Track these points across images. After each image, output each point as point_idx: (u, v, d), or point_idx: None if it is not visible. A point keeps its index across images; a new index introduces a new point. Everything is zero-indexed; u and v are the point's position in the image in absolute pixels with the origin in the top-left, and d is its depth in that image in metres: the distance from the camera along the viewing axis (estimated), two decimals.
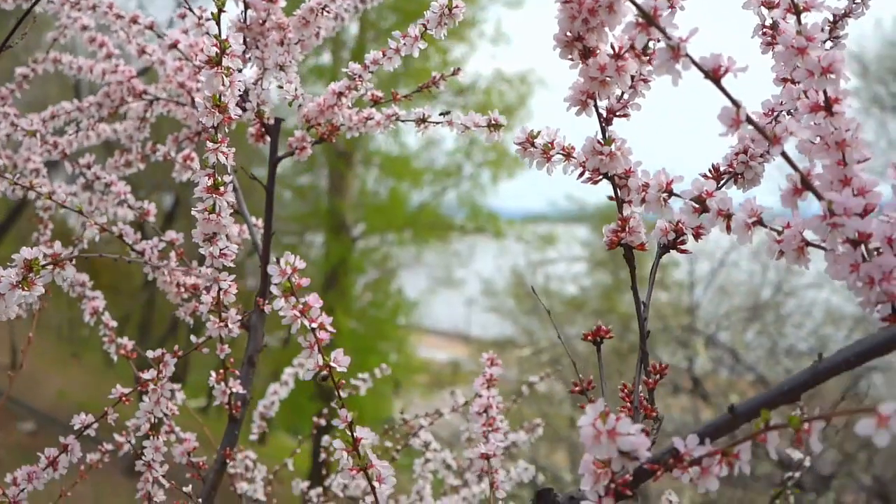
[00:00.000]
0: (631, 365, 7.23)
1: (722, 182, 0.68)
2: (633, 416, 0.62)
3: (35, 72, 1.31)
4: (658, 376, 0.63)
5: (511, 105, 10.72)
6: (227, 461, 0.97)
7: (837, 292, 7.34)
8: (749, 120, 0.50)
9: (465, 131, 0.86)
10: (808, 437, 0.45)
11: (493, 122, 0.83)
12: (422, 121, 0.94)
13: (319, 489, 1.33)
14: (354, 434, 0.64)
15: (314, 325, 0.61)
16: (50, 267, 0.65)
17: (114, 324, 1.09)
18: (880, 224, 0.53)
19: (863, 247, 0.52)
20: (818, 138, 0.54)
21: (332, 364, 0.62)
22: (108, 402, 1.11)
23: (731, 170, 0.68)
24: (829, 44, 0.71)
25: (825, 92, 0.53)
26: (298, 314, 0.61)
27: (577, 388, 0.59)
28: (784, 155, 0.51)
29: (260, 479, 1.24)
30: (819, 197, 0.51)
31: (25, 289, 0.67)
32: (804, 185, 0.51)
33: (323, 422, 1.45)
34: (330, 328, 0.62)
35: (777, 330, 6.60)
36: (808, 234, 0.55)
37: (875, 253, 0.51)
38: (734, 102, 0.50)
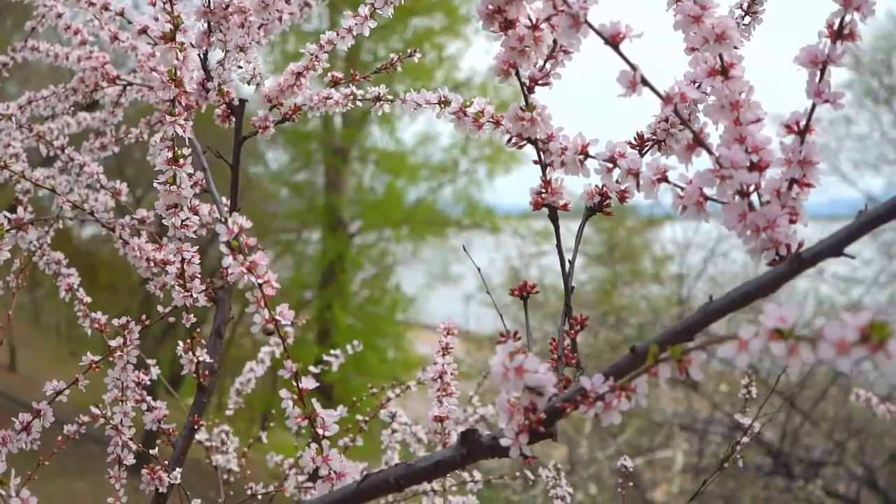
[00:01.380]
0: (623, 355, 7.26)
1: (646, 149, 0.73)
2: (558, 364, 0.66)
3: (14, 60, 1.36)
4: (579, 327, 0.68)
5: (506, 100, 10.74)
6: (196, 427, 1.02)
7: (827, 283, 7.40)
8: (644, 81, 0.54)
9: (417, 108, 0.91)
10: (689, 366, 0.50)
11: (442, 98, 0.87)
12: (377, 99, 0.98)
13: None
14: (300, 385, 0.68)
15: (261, 280, 0.66)
16: (14, 231, 0.69)
17: (88, 299, 1.13)
18: (771, 179, 0.57)
19: (755, 198, 0.57)
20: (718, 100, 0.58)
21: (278, 318, 0.67)
22: (106, 400, 1.16)
23: (654, 137, 0.72)
24: (747, 18, 0.75)
25: (721, 57, 0.57)
26: (245, 271, 0.65)
27: (502, 339, 0.64)
28: (677, 113, 0.55)
29: (233, 451, 1.29)
30: (710, 152, 0.55)
31: None
32: (696, 141, 0.55)
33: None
34: (275, 284, 0.66)
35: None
36: (708, 191, 0.59)
37: (764, 204, 0.55)
38: (631, 66, 0.55)
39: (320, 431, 0.68)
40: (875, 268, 7.93)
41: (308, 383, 0.68)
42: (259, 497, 1.22)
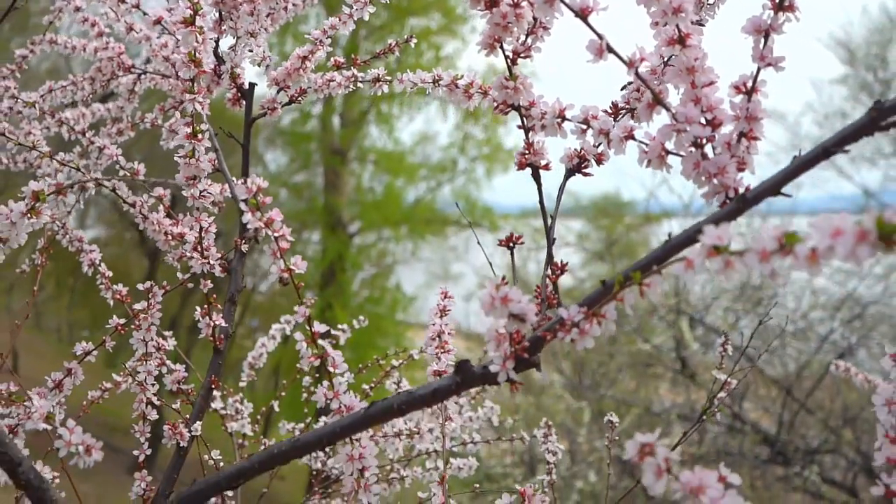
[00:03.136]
0: (622, 350, 7.37)
1: (620, 115, 0.81)
2: (541, 305, 0.74)
3: (33, 52, 1.44)
4: (560, 272, 0.76)
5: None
6: (213, 387, 1.10)
7: (823, 275, 7.47)
8: (609, 48, 0.62)
9: (415, 88, 0.99)
10: (650, 290, 0.58)
11: (437, 78, 0.95)
12: (377, 80, 1.06)
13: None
14: (313, 328, 0.77)
15: (276, 234, 0.74)
16: (54, 195, 0.78)
17: (109, 273, 1.22)
18: (723, 133, 0.65)
19: (709, 149, 0.65)
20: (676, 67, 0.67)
21: (292, 267, 0.75)
22: (109, 401, 1.24)
23: (627, 105, 0.80)
24: None
25: (678, 28, 0.66)
26: (263, 225, 0.74)
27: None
28: (639, 77, 0.63)
29: (247, 415, 1.38)
30: (668, 110, 0.63)
31: (33, 216, 0.79)
32: (656, 100, 0.64)
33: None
34: (290, 238, 0.74)
35: (759, 310, 6.74)
36: (668, 146, 0.68)
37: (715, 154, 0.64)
38: (598, 35, 0.63)
39: (331, 370, 0.76)
40: (871, 260, 8.00)
41: (320, 327, 0.77)
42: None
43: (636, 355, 6.68)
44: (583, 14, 0.63)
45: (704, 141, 0.63)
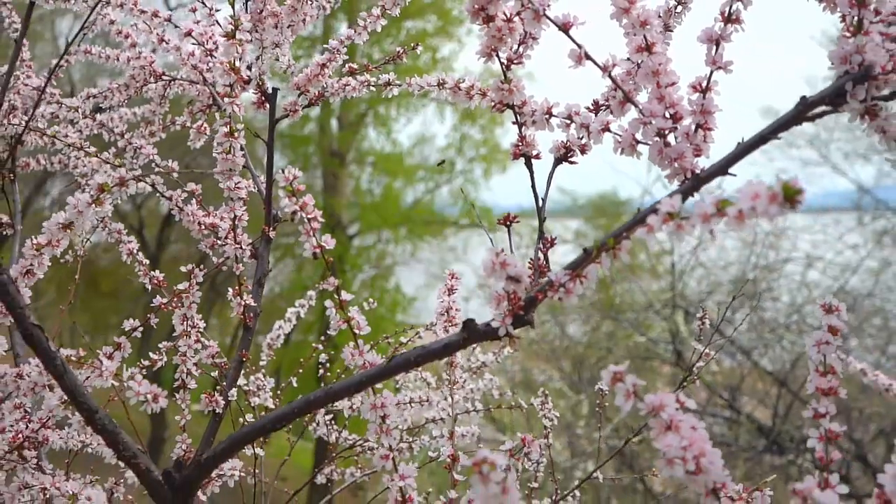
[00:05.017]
0: (620, 345, 7.52)
1: (601, 111, 0.94)
2: (534, 274, 0.87)
3: (68, 62, 1.57)
4: (550, 245, 0.89)
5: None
6: (244, 360, 1.23)
7: (814, 269, 7.62)
8: (587, 56, 0.76)
9: (421, 90, 1.12)
10: (620, 252, 0.71)
11: (441, 81, 1.09)
12: (387, 84, 1.20)
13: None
14: (340, 297, 0.90)
15: (310, 216, 0.87)
16: (118, 186, 0.91)
17: (146, 261, 1.35)
18: (684, 126, 0.79)
19: (672, 138, 0.78)
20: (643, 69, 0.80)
21: (323, 243, 0.88)
22: (110, 405, 1.36)
23: (606, 103, 0.94)
24: (679, 7, 0.96)
25: (645, 37, 0.79)
26: (299, 208, 0.87)
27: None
28: (611, 78, 0.77)
29: (268, 390, 1.51)
30: (636, 106, 0.77)
31: (98, 205, 0.92)
32: (626, 99, 0.77)
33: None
34: (321, 219, 0.88)
35: (756, 305, 6.88)
36: (638, 136, 0.81)
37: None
38: (578, 45, 0.76)
39: (356, 332, 0.90)
40: (864, 255, 8.12)
41: (346, 296, 0.90)
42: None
43: (633, 349, 6.82)
44: (565, 28, 0.76)
45: (667, 132, 0.77)
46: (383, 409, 0.88)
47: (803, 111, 0.70)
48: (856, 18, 0.68)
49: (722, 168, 0.73)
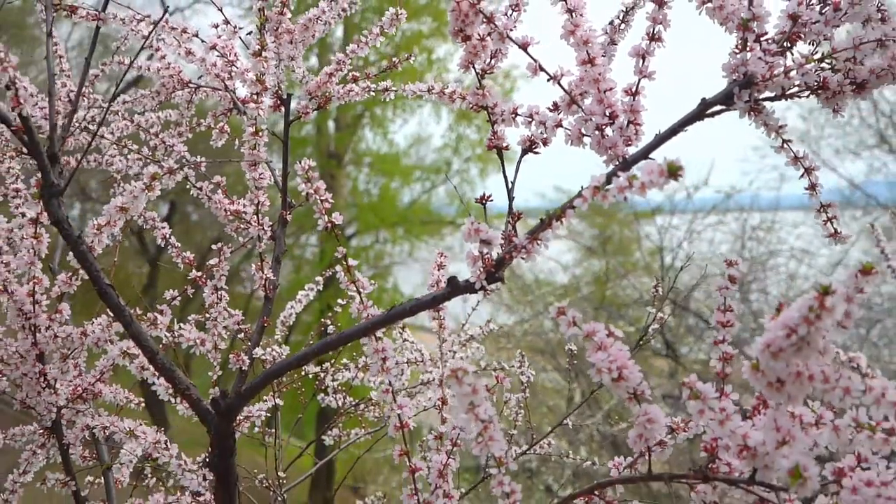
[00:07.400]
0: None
1: (559, 111, 1.15)
2: (505, 241, 1.09)
3: (103, 71, 1.79)
4: (518, 217, 1.11)
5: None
6: (265, 325, 1.44)
7: (796, 260, 7.84)
8: (540, 68, 0.97)
9: (414, 95, 1.34)
10: (566, 221, 0.92)
11: (430, 87, 1.30)
12: (386, 90, 1.41)
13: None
14: (348, 262, 1.11)
15: (322, 198, 1.09)
16: (167, 174, 1.12)
17: (178, 245, 1.56)
18: (617, 121, 1.00)
19: (608, 131, 1.00)
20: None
21: (333, 220, 1.10)
22: (113, 409, 1.57)
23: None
24: (623, 25, 1.18)
25: (587, 52, 1.01)
26: (312, 192, 1.08)
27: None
28: (560, 85, 0.98)
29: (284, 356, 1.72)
30: (580, 107, 0.98)
31: (149, 191, 1.14)
32: (572, 101, 0.99)
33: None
34: (331, 200, 1.09)
35: (743, 296, 7.10)
36: (583, 130, 1.02)
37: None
38: (534, 59, 0.98)
39: (361, 290, 1.11)
40: (855, 251, 8.33)
41: (353, 261, 1.11)
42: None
43: (625, 341, 7.02)
44: (523, 46, 0.98)
45: (604, 126, 0.98)
46: (384, 352, 1.10)
47: (704, 109, 0.92)
48: (740, 39, 0.90)
49: (643, 154, 0.95)
